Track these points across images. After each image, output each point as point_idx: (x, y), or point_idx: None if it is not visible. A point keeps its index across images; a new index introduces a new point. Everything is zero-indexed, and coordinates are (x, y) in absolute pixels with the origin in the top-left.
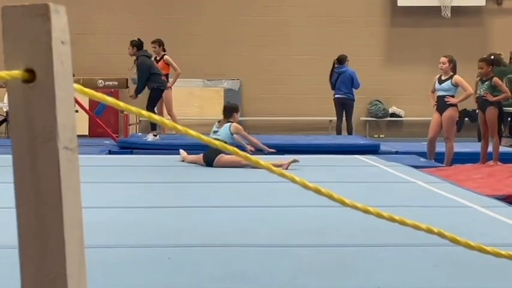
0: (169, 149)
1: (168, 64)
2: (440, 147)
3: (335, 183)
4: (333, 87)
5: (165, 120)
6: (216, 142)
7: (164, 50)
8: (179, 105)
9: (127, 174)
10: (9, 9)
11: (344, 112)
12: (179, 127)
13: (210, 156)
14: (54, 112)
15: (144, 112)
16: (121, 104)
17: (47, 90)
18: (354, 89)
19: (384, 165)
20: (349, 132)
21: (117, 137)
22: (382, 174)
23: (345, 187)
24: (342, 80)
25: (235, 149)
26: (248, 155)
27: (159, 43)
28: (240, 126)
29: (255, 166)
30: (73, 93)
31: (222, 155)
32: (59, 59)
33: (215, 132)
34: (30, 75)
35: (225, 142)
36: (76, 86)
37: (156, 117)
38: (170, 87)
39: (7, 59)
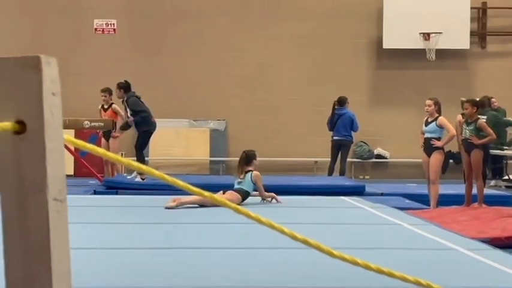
0: (156, 189)
1: (116, 113)
2: (424, 189)
3: (317, 225)
4: (332, 128)
5: (154, 171)
6: (206, 193)
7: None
8: (165, 145)
9: (112, 215)
10: (1, 60)
11: (340, 153)
12: (143, 167)
13: None
14: (44, 164)
15: (135, 164)
16: (111, 155)
17: (37, 142)
18: (352, 132)
19: (369, 207)
20: (342, 174)
21: (102, 177)
22: (367, 216)
23: (328, 229)
24: (342, 122)
25: (224, 199)
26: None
27: (109, 92)
28: (260, 176)
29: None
30: (63, 145)
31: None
32: (50, 111)
33: (239, 182)
34: (21, 127)
35: (248, 192)
36: (66, 137)
37: (144, 167)
38: (117, 136)
39: None
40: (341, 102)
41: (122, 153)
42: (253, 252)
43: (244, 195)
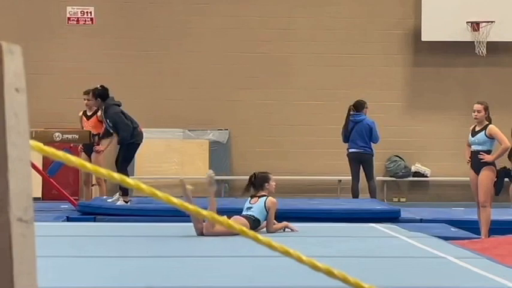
0: (141, 215)
1: (102, 121)
2: (473, 214)
3: (343, 259)
4: (347, 139)
5: (142, 185)
6: (205, 212)
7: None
8: (154, 161)
9: (90, 247)
10: None
11: (363, 170)
12: (144, 187)
13: None
14: (6, 176)
15: (116, 175)
16: (88, 165)
17: None
18: (372, 143)
19: (406, 236)
20: (373, 195)
21: (77, 200)
22: (404, 248)
23: (356, 264)
24: (359, 131)
25: (230, 221)
26: (244, 228)
27: (93, 93)
28: (276, 203)
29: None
30: (29, 153)
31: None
32: (12, 111)
33: (249, 208)
34: None
35: (259, 220)
36: (33, 143)
37: (130, 181)
38: (102, 150)
39: None
40: (358, 106)
41: None
42: None
43: (253, 223)
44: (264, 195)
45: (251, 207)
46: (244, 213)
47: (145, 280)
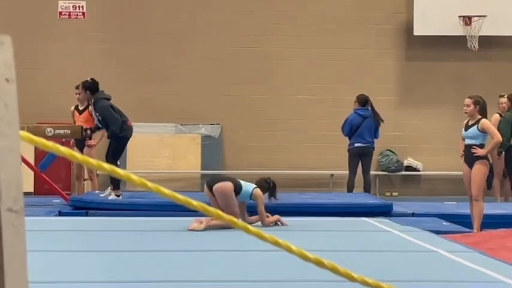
0: (133, 209)
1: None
2: (465, 208)
3: (335, 253)
4: (349, 133)
5: (132, 175)
6: (195, 203)
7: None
8: (145, 156)
9: (82, 241)
10: None
11: (361, 164)
12: (134, 178)
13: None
14: None
15: (106, 166)
16: (78, 155)
17: None
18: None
19: (398, 231)
20: (367, 190)
21: (69, 194)
22: (396, 242)
23: (348, 258)
24: (368, 126)
25: (219, 211)
26: (234, 219)
27: (83, 86)
28: (263, 197)
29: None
30: (19, 143)
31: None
32: (3, 101)
33: None
34: None
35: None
36: (23, 133)
37: (120, 171)
38: (94, 145)
39: None
40: (362, 101)
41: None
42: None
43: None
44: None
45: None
46: None
47: (137, 274)
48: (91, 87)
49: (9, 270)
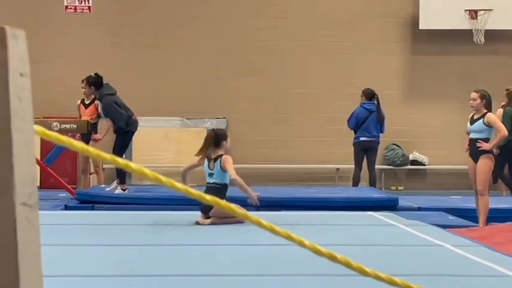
0: (139, 203)
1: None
2: (471, 202)
3: (342, 247)
4: (356, 127)
5: (146, 169)
6: (208, 197)
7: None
8: (151, 150)
9: (88, 235)
10: None
11: (366, 158)
12: (147, 172)
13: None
14: (11, 160)
15: (120, 160)
16: (92, 150)
17: (2, 134)
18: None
19: (404, 225)
20: (373, 184)
21: (75, 188)
22: (402, 236)
23: (354, 251)
24: (374, 120)
25: (232, 205)
26: (247, 213)
27: (87, 81)
28: (230, 159)
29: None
30: (34, 137)
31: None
32: (17, 95)
33: (211, 175)
34: None
35: (222, 185)
36: (37, 128)
37: (133, 166)
38: (100, 139)
39: None
40: (369, 95)
41: (101, 163)
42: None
43: (219, 190)
44: (219, 156)
45: (212, 174)
46: (208, 181)
47: (145, 268)
48: (95, 82)
49: (24, 265)
